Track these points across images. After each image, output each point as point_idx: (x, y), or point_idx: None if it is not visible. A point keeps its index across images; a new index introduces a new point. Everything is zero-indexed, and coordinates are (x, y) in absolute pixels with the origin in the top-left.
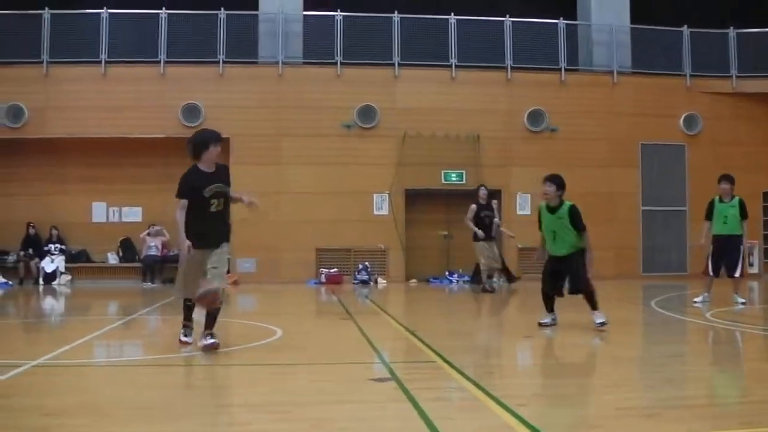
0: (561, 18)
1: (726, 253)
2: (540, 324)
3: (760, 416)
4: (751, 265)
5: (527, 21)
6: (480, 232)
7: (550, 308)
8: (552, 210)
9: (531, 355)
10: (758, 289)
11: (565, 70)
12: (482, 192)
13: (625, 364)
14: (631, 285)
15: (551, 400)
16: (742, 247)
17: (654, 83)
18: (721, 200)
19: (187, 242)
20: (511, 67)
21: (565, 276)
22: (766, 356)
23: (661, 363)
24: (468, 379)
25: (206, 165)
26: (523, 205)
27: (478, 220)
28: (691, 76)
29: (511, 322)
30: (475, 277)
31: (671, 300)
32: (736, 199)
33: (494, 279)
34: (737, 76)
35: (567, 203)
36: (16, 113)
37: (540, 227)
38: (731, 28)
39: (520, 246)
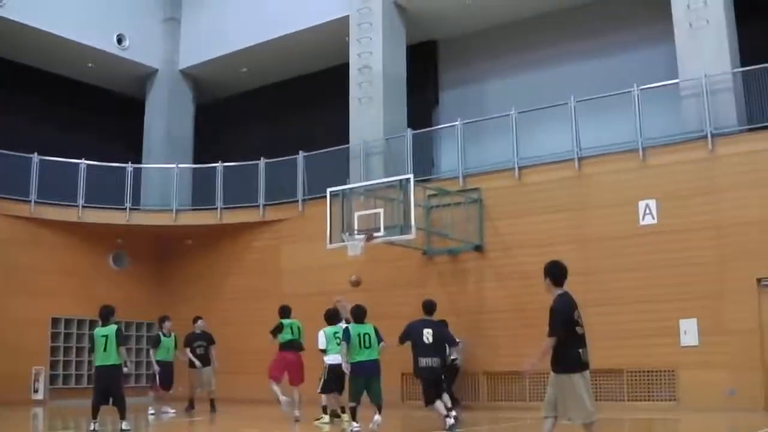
0: None
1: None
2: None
3: None
4: (36, 391)
5: None
6: (197, 362)
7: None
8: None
9: None
10: (42, 416)
11: None
12: (200, 323)
13: None
14: None
15: None
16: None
17: None
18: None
19: None
20: None
21: None
22: None
23: None
24: None
25: None
26: None
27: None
28: None
29: None
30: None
31: None
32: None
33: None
34: (36, 202)
35: None
36: None
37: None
38: (35, 153)
39: None
